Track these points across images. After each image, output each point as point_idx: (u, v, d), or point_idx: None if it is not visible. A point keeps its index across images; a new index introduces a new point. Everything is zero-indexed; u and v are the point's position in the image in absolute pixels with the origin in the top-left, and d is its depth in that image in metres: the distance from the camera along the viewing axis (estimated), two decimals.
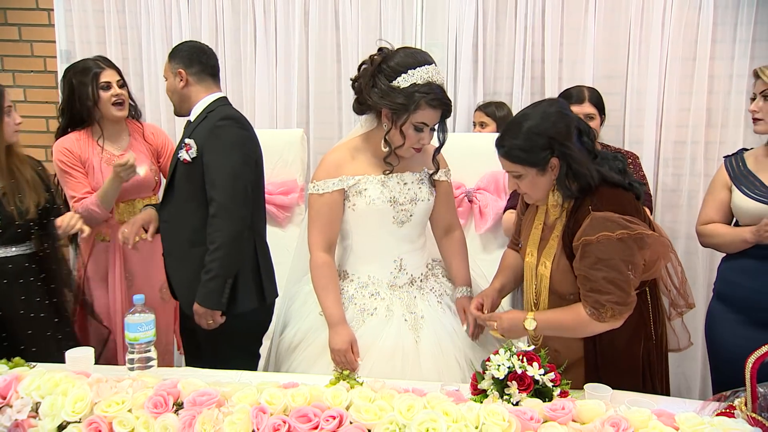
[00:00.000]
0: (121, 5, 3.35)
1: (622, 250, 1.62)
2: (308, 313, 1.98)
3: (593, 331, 1.70)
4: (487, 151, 2.04)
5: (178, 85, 2.14)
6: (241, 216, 2.02)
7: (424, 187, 1.94)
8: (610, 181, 1.72)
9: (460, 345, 1.90)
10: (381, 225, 1.90)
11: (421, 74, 1.76)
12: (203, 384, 1.39)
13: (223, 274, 2.00)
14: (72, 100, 2.40)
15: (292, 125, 3.34)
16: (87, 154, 2.41)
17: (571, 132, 1.69)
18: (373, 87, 1.78)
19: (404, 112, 1.76)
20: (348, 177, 1.87)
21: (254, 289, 2.12)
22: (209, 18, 3.31)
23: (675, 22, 3.04)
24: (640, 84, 3.10)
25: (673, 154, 3.08)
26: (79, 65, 2.43)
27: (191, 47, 2.20)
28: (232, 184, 2.00)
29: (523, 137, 1.67)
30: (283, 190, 2.97)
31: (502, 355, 1.47)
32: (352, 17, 3.24)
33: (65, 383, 1.37)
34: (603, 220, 1.63)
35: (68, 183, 2.39)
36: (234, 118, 2.09)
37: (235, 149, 2.03)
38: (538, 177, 1.70)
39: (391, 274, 1.94)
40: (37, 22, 3.44)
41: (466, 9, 3.16)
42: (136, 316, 1.66)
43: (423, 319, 1.89)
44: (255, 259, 2.13)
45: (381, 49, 1.85)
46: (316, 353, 1.91)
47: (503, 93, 3.21)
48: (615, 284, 1.62)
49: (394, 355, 1.85)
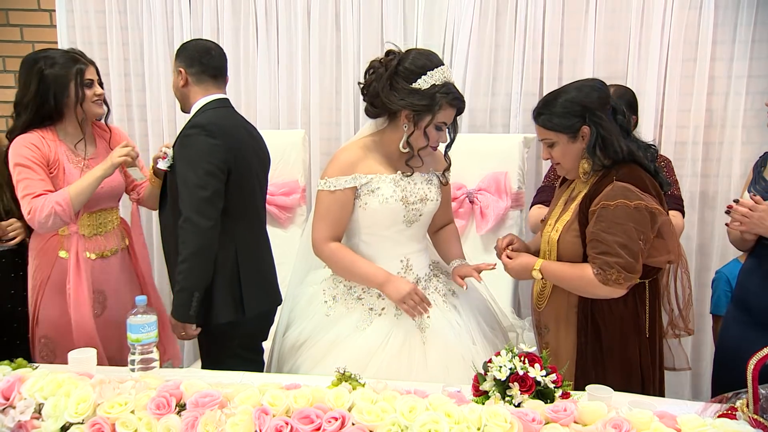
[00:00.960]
0: (123, 6, 3.34)
1: (637, 219, 1.69)
2: (314, 313, 1.97)
3: (593, 292, 1.75)
4: (489, 152, 2.09)
5: (179, 83, 2.12)
6: (207, 228, 1.95)
7: (433, 187, 1.97)
8: (638, 161, 1.78)
9: (466, 343, 1.91)
10: (392, 224, 1.92)
11: (439, 75, 1.80)
12: (206, 385, 1.38)
13: (188, 288, 1.95)
14: (44, 94, 2.04)
15: (294, 125, 3.33)
16: (56, 155, 2.08)
17: (605, 105, 1.78)
18: (392, 90, 1.80)
19: (428, 114, 1.80)
20: (361, 175, 1.88)
21: (231, 302, 2.05)
22: (210, 18, 3.30)
23: (675, 23, 3.04)
24: (640, 85, 3.08)
25: (674, 155, 3.07)
26: (53, 56, 2.08)
27: (196, 46, 2.15)
28: (196, 196, 1.94)
29: (559, 105, 1.78)
30: (284, 191, 2.97)
31: (503, 356, 1.47)
32: (353, 18, 3.24)
33: (68, 384, 1.37)
34: (623, 189, 1.70)
35: (26, 179, 2.01)
36: (202, 125, 2.00)
37: (199, 159, 1.96)
38: (569, 144, 1.79)
39: (398, 274, 1.94)
40: (39, 23, 3.43)
41: (465, 10, 3.15)
42: (139, 317, 1.64)
43: (429, 318, 1.90)
44: (235, 270, 2.06)
45: (390, 51, 1.87)
46: (320, 353, 1.91)
47: (502, 93, 3.20)
48: (626, 248, 1.68)
49: (401, 354, 1.86)
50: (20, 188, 2.01)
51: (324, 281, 2.02)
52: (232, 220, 2.05)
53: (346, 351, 1.86)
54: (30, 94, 2.05)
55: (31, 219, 2.00)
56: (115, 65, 3.37)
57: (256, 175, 2.17)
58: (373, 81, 1.86)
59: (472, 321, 1.98)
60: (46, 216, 1.98)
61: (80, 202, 2.06)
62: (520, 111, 3.18)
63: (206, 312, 2.03)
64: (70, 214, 2.03)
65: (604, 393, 1.50)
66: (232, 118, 2.15)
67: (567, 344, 1.85)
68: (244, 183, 2.09)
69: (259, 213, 2.24)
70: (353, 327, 1.89)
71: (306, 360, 1.93)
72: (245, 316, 2.07)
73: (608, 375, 1.76)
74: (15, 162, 2.01)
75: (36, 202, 1.99)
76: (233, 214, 2.05)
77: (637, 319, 1.80)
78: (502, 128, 3.22)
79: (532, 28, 3.14)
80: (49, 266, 2.09)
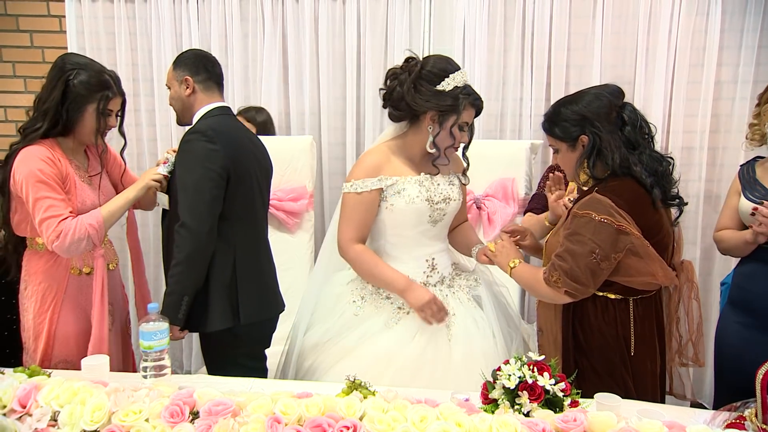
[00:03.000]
0: (132, 12, 3.36)
1: (598, 233, 1.68)
2: (341, 312, 2.01)
3: (539, 291, 1.82)
4: (496, 157, 2.11)
5: (184, 92, 2.09)
6: (202, 232, 1.94)
7: (454, 188, 2.04)
8: (634, 175, 1.75)
9: (490, 340, 1.97)
10: (417, 224, 1.97)
11: (460, 78, 1.89)
12: (218, 394, 1.40)
13: (179, 291, 1.95)
14: (61, 104, 1.93)
15: (302, 131, 3.35)
16: (67, 170, 1.96)
17: (608, 116, 1.78)
18: (416, 92, 1.87)
19: (453, 113, 1.88)
20: (386, 177, 1.94)
21: (228, 308, 2.03)
22: (218, 25, 3.32)
23: (682, 29, 3.05)
24: (647, 90, 3.11)
25: (680, 160, 3.08)
26: (86, 69, 1.96)
27: (196, 54, 2.14)
28: (192, 200, 1.94)
29: (562, 114, 1.81)
30: (292, 196, 2.99)
31: (512, 365, 1.48)
32: (359, 24, 3.26)
33: (83, 392, 1.39)
34: (595, 201, 1.71)
35: (48, 199, 1.87)
36: (201, 131, 1.99)
37: (197, 164, 1.95)
38: (568, 152, 1.82)
39: (424, 273, 2.00)
40: (49, 28, 3.46)
41: (474, 15, 3.17)
42: (151, 324, 1.65)
43: (454, 316, 1.96)
44: (232, 276, 2.05)
45: (410, 58, 1.94)
46: (348, 348, 1.94)
47: (510, 98, 3.22)
48: (575, 257, 1.70)
49: (427, 350, 1.91)
50: (41, 207, 1.87)
51: (351, 282, 2.06)
52: (230, 226, 2.04)
53: (374, 345, 1.92)
54: (51, 100, 1.93)
55: (61, 243, 1.88)
56: (123, 70, 3.38)
57: (256, 182, 2.15)
58: (395, 86, 1.92)
59: (494, 318, 2.03)
60: (78, 240, 1.90)
61: (111, 224, 2.02)
62: (529, 115, 3.20)
63: (200, 319, 2.01)
64: (102, 237, 1.99)
65: (613, 401, 1.50)
66: (233, 124, 2.15)
67: (556, 349, 1.87)
68: (243, 189, 2.08)
69: (259, 220, 2.21)
70: (382, 324, 1.95)
71: (331, 355, 1.96)
72: (241, 323, 2.05)
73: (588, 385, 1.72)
74: (31, 176, 1.86)
75: (66, 225, 1.88)
76: (232, 219, 2.04)
77: (617, 335, 1.79)
78: (510, 133, 3.24)
79: (539, 33, 3.16)
80: (62, 284, 2.01)
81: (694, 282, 1.94)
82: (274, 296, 2.22)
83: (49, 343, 2.00)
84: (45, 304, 2.00)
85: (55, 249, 1.90)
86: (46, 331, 1.99)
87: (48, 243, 1.90)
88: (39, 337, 2.00)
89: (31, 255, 2.03)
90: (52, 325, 2.00)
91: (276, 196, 2.92)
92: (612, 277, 1.74)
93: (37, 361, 2.00)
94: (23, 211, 1.96)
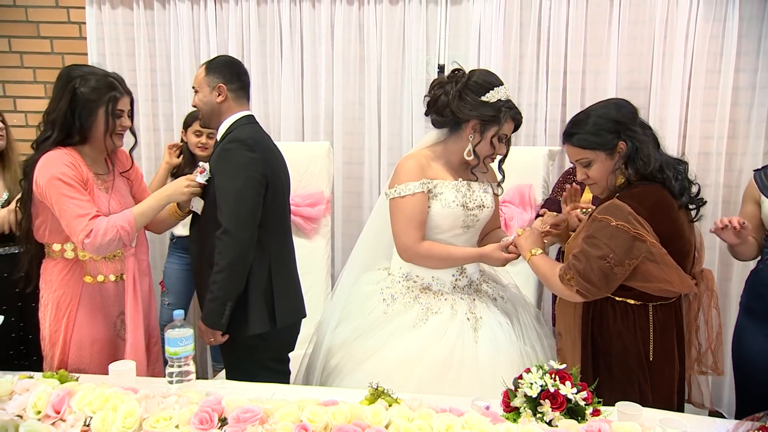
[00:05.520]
0: (151, 18, 3.41)
1: (612, 238, 1.71)
2: (371, 310, 2.06)
3: (553, 284, 1.84)
4: (513, 164, 2.15)
5: (215, 99, 2.12)
6: (245, 239, 2.00)
7: (488, 196, 2.11)
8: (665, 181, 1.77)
9: (516, 345, 2.00)
10: (450, 227, 2.04)
11: (503, 92, 1.97)
12: (246, 401, 1.42)
13: (222, 297, 2.00)
14: (71, 113, 1.96)
15: (318, 136, 3.38)
16: (87, 176, 1.98)
17: (636, 119, 1.82)
18: (462, 101, 1.95)
19: (495, 124, 1.95)
20: (428, 180, 2.01)
21: (265, 313, 2.09)
22: (236, 31, 3.36)
23: (699, 34, 3.05)
24: (663, 96, 3.11)
25: (698, 165, 3.08)
26: (90, 77, 1.98)
27: (232, 62, 2.18)
28: (235, 208, 1.98)
29: (591, 123, 1.81)
30: (310, 202, 3.02)
31: (534, 373, 1.50)
32: (376, 30, 3.28)
33: (115, 399, 1.42)
34: (615, 207, 1.72)
35: (75, 199, 1.90)
36: (241, 140, 2.04)
37: (239, 172, 2.00)
38: (607, 161, 1.81)
39: (453, 277, 2.07)
40: (69, 35, 3.51)
41: (489, 21, 3.19)
42: (176, 330, 1.67)
43: (482, 319, 2.00)
44: (268, 282, 2.11)
45: (457, 69, 2.04)
46: (378, 344, 1.98)
47: (525, 104, 3.23)
48: (590, 259, 1.73)
49: (454, 351, 1.94)
50: (69, 207, 1.89)
51: (382, 281, 2.12)
52: (267, 233, 2.09)
53: (401, 345, 1.96)
54: (59, 110, 1.96)
55: (92, 241, 1.89)
56: (142, 76, 3.44)
57: (286, 189, 2.22)
58: (440, 95, 2.00)
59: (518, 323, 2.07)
60: (110, 240, 1.92)
61: (142, 224, 2.05)
62: (544, 121, 3.22)
63: (239, 323, 2.06)
64: (132, 237, 2.02)
65: (635, 410, 1.52)
66: (265, 134, 2.20)
67: (575, 353, 1.88)
68: (278, 197, 2.14)
69: (288, 227, 2.28)
70: (410, 323, 1.99)
71: (359, 353, 2.01)
72: (277, 327, 2.12)
73: (605, 390, 1.73)
74: (55, 177, 1.89)
75: (96, 224, 1.90)
76: (269, 226, 2.09)
77: (636, 341, 1.79)
78: (525, 138, 3.25)
79: (555, 39, 3.17)
80: (76, 292, 2.03)
81: (713, 291, 1.94)
82: (301, 301, 2.28)
83: (65, 351, 2.03)
84: (60, 312, 2.02)
85: (85, 247, 1.91)
86: (62, 339, 2.02)
87: (78, 242, 1.91)
88: (55, 344, 2.03)
89: (48, 263, 2.05)
90: (67, 332, 2.02)
91: (293, 201, 2.94)
92: (628, 282, 1.76)
93: (54, 368, 2.02)
94: (44, 215, 1.99)
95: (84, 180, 1.96)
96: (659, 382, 1.81)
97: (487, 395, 1.61)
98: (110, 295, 2.08)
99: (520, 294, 2.24)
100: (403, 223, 2.00)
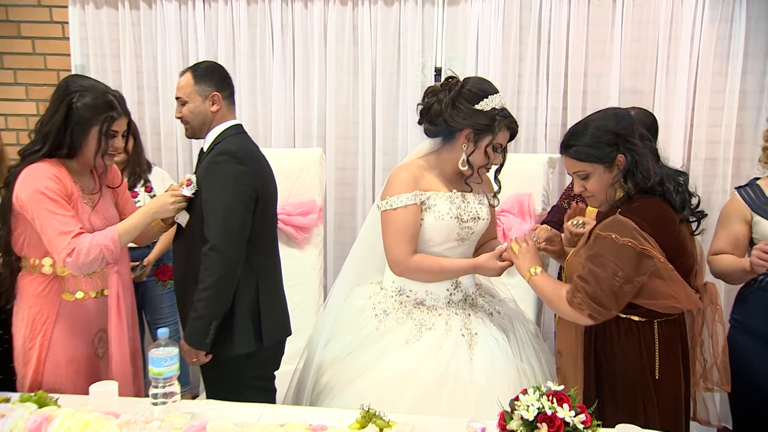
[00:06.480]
0: (137, 18, 3.39)
1: (621, 256, 1.69)
2: (363, 326, 2.05)
3: (560, 308, 1.81)
4: (512, 171, 2.13)
5: (210, 108, 2.09)
6: (233, 256, 1.98)
7: (484, 207, 2.10)
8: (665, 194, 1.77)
9: (513, 363, 1.99)
10: (444, 240, 2.03)
11: (498, 100, 1.96)
12: (232, 426, 1.43)
13: (208, 315, 1.97)
14: (64, 128, 1.95)
15: (310, 140, 3.37)
16: (72, 191, 1.96)
17: (635, 130, 1.80)
18: (455, 109, 1.94)
19: (488, 133, 1.94)
20: (420, 192, 1.99)
21: (251, 332, 2.07)
22: (226, 31, 3.35)
23: (705, 36, 3.04)
24: (668, 99, 3.10)
25: (703, 171, 3.08)
26: (89, 91, 1.98)
27: (218, 67, 2.15)
28: (223, 224, 1.96)
29: (589, 135, 1.80)
30: (301, 211, 3.00)
31: (531, 395, 1.49)
32: (370, 30, 3.27)
33: (95, 424, 1.42)
34: (619, 224, 1.71)
35: (59, 215, 1.88)
36: (231, 152, 2.02)
37: (228, 186, 1.98)
38: (605, 174, 1.80)
39: (447, 291, 2.06)
40: (51, 35, 3.50)
41: (488, 22, 3.18)
42: (161, 350, 1.65)
43: (477, 336, 1.99)
44: (255, 300, 2.09)
45: (451, 77, 2.02)
46: (369, 362, 1.97)
47: (525, 108, 3.23)
48: (599, 280, 1.70)
49: (449, 369, 1.92)
50: (52, 223, 1.87)
51: (374, 296, 2.11)
52: (255, 249, 2.07)
53: (394, 363, 1.94)
54: (53, 124, 1.95)
55: (74, 260, 1.87)
56: (128, 78, 3.42)
57: (275, 203, 2.20)
58: (433, 103, 1.99)
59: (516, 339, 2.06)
60: (93, 259, 1.90)
61: (127, 242, 2.02)
62: (545, 125, 3.21)
63: (224, 343, 2.03)
64: (116, 255, 1.98)
65: None
66: (254, 145, 2.18)
67: (577, 371, 1.86)
68: (268, 211, 2.12)
69: (275, 241, 2.25)
70: (403, 340, 1.98)
71: (350, 371, 1.99)
72: (263, 345, 2.09)
73: (608, 410, 1.74)
74: (39, 191, 1.87)
75: (79, 242, 1.88)
76: (257, 242, 2.07)
77: (641, 358, 1.78)
78: (525, 143, 3.24)
79: (555, 40, 3.17)
80: (53, 309, 1.99)
81: (717, 305, 1.93)
82: (287, 318, 2.25)
83: (39, 371, 1.99)
84: (35, 330, 1.98)
85: (67, 265, 1.89)
86: (35, 358, 1.98)
87: (60, 260, 1.89)
88: (29, 363, 1.99)
89: (24, 277, 2.02)
90: (42, 351, 1.98)
91: (285, 210, 2.94)
92: (635, 300, 1.75)
93: (26, 387, 2.00)
94: (24, 227, 1.97)
95: (68, 194, 1.94)
96: (665, 401, 1.79)
97: (483, 415, 1.60)
98: (90, 312, 2.05)
99: (517, 308, 2.23)
100: (394, 236, 1.99)
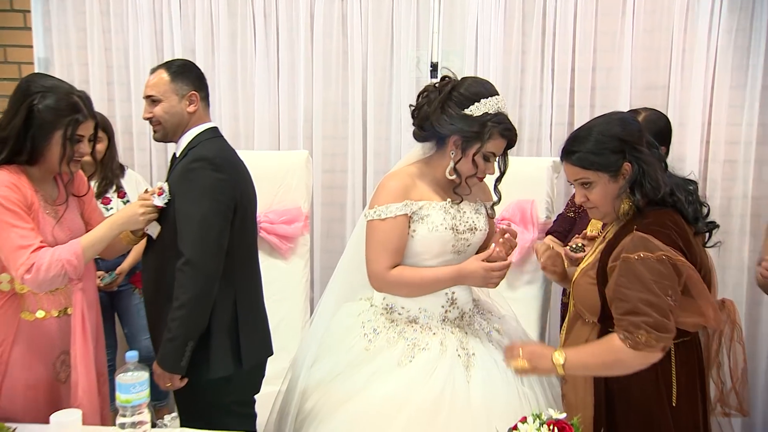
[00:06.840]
0: (106, 6, 3.31)
1: (661, 272, 1.62)
2: (351, 345, 1.99)
3: (627, 363, 1.65)
4: (514, 177, 2.07)
5: (186, 108, 2.04)
6: (210, 271, 1.92)
7: (481, 217, 2.04)
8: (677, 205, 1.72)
9: (513, 386, 1.91)
10: (440, 253, 1.95)
11: (493, 104, 1.87)
12: None
13: (183, 336, 1.91)
14: (24, 132, 1.88)
15: (296, 140, 3.32)
16: (32, 200, 1.89)
17: (642, 137, 1.75)
18: (443, 114, 1.88)
19: (477, 141, 1.87)
20: (411, 202, 1.93)
21: (229, 353, 2.01)
22: (203, 22, 3.28)
23: (724, 26, 2.97)
24: (683, 95, 3.04)
25: (722, 174, 3.00)
26: (52, 92, 1.91)
27: (193, 65, 2.12)
28: (199, 236, 1.91)
29: (593, 141, 1.73)
30: (286, 219, 2.90)
31: (530, 423, 1.47)
32: (361, 21, 3.22)
33: None
34: (644, 240, 1.64)
35: (17, 228, 1.81)
36: (207, 158, 1.97)
37: (205, 195, 1.93)
38: (610, 184, 1.74)
39: (442, 308, 1.98)
40: (12, 24, 3.40)
41: (488, 12, 3.13)
42: (129, 374, 1.59)
43: (474, 356, 1.93)
44: (233, 318, 2.03)
45: (445, 77, 1.96)
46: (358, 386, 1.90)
47: (529, 105, 3.17)
48: (653, 305, 1.61)
49: (444, 393, 1.85)
50: (9, 236, 1.81)
51: (363, 313, 2.05)
52: (233, 263, 2.01)
53: (386, 384, 1.88)
54: (12, 128, 1.87)
55: (33, 277, 1.80)
56: (96, 72, 3.34)
57: (254, 213, 2.15)
58: (424, 104, 1.94)
59: None
60: (54, 276, 1.83)
61: (91, 257, 1.96)
62: (550, 124, 3.15)
63: (200, 365, 1.96)
64: (80, 271, 1.90)
65: None
66: (231, 150, 2.12)
67: (586, 398, 1.81)
68: (247, 222, 2.07)
69: (255, 253, 2.20)
70: (395, 361, 1.91)
71: (337, 394, 1.92)
72: (243, 367, 2.03)
73: None
74: None
75: (39, 257, 1.81)
76: (235, 255, 2.02)
77: (658, 383, 1.72)
78: (528, 144, 3.18)
79: (562, 32, 3.12)
80: (11, 330, 1.90)
81: (736, 323, 1.89)
82: (268, 338, 2.20)
83: None
84: None
85: (26, 282, 1.82)
86: None
87: (18, 276, 1.81)
88: None
89: None
90: None
91: (267, 218, 2.87)
92: None
93: None
94: None
95: (28, 204, 1.87)
96: (684, 428, 1.73)
97: None
98: (51, 333, 1.94)
99: (519, 326, 2.15)
100: (375, 248, 1.93)
